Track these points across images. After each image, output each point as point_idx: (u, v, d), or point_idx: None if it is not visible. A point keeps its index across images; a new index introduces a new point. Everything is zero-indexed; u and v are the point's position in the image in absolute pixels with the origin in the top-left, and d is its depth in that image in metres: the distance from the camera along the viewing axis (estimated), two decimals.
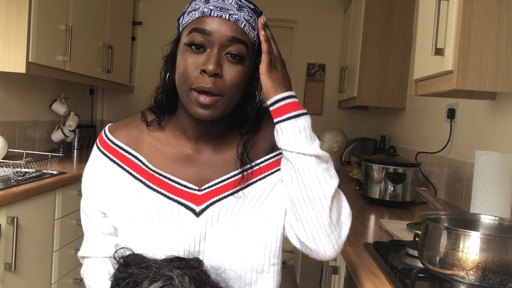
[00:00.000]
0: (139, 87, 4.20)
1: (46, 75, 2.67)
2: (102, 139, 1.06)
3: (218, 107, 0.95)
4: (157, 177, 1.01)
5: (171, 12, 4.20)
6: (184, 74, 0.94)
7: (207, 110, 0.94)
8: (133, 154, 1.03)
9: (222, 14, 0.94)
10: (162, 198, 1.00)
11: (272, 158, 1.06)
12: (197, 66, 0.93)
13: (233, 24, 0.94)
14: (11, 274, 1.86)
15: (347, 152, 3.66)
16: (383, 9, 3.10)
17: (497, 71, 1.32)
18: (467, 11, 1.31)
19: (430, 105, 2.61)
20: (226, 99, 0.95)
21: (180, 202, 1.00)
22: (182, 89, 0.96)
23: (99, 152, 1.05)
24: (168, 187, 1.01)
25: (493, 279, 0.94)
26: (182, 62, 0.95)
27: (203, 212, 0.99)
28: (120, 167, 1.03)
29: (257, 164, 1.04)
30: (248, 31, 0.96)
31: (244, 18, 0.95)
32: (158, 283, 0.88)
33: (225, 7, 0.94)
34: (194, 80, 0.93)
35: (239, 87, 0.97)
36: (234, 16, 0.94)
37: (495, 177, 1.46)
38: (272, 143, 1.06)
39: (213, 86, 0.92)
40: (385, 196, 2.06)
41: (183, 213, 0.99)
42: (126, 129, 1.06)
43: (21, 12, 2.37)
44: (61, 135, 3.27)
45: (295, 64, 4.23)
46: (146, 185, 1.01)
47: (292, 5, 4.18)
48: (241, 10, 0.96)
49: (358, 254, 1.29)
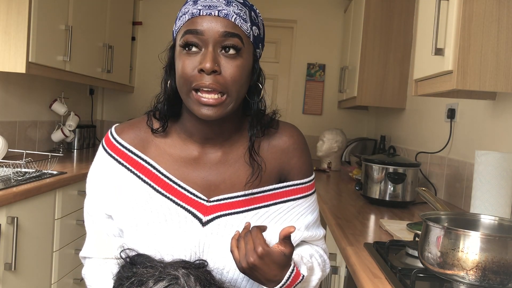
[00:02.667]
0: (139, 87, 4.20)
1: (46, 75, 2.67)
2: (109, 140, 1.05)
3: (225, 106, 0.94)
4: (166, 182, 1.01)
5: (171, 12, 4.20)
6: (182, 76, 0.94)
7: (211, 110, 0.93)
8: (141, 157, 1.03)
9: (211, 12, 0.94)
10: (170, 203, 1.00)
11: (281, 188, 1.06)
12: (194, 67, 0.93)
13: (223, 20, 0.94)
14: (11, 274, 1.86)
15: (347, 152, 3.65)
16: (383, 9, 3.10)
17: (497, 71, 1.32)
18: (467, 11, 1.31)
19: (430, 105, 2.61)
20: (231, 97, 0.95)
21: (188, 210, 1.00)
22: (183, 91, 0.96)
23: (105, 154, 1.04)
24: (177, 193, 1.01)
25: (493, 279, 0.94)
26: (180, 64, 0.95)
27: (209, 223, 1.00)
28: (128, 170, 1.02)
29: (266, 182, 1.04)
30: (240, 24, 0.95)
31: (233, 11, 0.95)
32: (163, 282, 0.87)
33: (213, 4, 0.94)
34: (193, 79, 0.93)
35: (242, 82, 0.96)
36: (224, 12, 0.94)
37: (495, 177, 1.46)
38: (280, 173, 1.06)
39: (214, 82, 0.92)
40: (385, 196, 2.06)
41: (190, 221, 0.99)
42: (133, 131, 1.05)
43: (21, 12, 2.37)
44: (61, 135, 3.27)
45: (295, 64, 4.23)
46: (155, 189, 1.01)
47: (292, 5, 4.18)
48: (229, 5, 0.95)
49: (358, 254, 1.29)
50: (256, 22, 1.01)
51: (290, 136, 1.09)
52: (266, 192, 1.04)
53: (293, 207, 1.05)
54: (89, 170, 1.07)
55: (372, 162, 2.10)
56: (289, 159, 1.07)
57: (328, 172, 3.34)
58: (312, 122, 4.20)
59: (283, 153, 1.06)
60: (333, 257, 1.70)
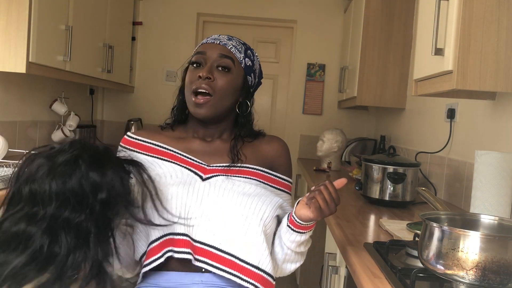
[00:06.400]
0: (139, 87, 4.19)
1: (46, 75, 2.67)
2: (124, 139, 1.36)
3: (210, 106, 1.29)
4: (172, 154, 1.31)
5: (171, 12, 4.20)
6: (187, 83, 1.32)
7: (201, 109, 1.29)
8: (151, 142, 1.34)
9: (215, 41, 1.34)
10: (176, 166, 1.29)
11: (267, 174, 1.34)
12: (196, 76, 1.29)
13: (222, 46, 1.33)
14: None
15: (347, 152, 3.65)
16: (383, 9, 3.10)
17: (497, 71, 1.32)
18: (467, 11, 1.31)
19: (430, 105, 2.61)
20: (215, 99, 1.29)
21: (191, 170, 1.28)
22: (187, 95, 1.32)
23: (120, 148, 1.33)
24: (182, 160, 1.30)
25: (493, 279, 0.94)
26: (188, 75, 1.33)
27: (207, 179, 1.27)
28: (140, 153, 1.31)
29: (246, 158, 1.34)
30: (234, 52, 1.33)
31: (232, 44, 1.34)
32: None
33: (218, 38, 1.35)
34: (193, 84, 1.29)
35: (227, 91, 1.30)
36: (223, 42, 1.34)
37: (495, 177, 1.46)
38: (268, 163, 1.37)
39: (206, 85, 1.28)
40: (385, 196, 2.06)
41: (191, 177, 1.26)
42: (145, 130, 1.39)
43: (21, 12, 2.37)
44: (61, 135, 3.27)
45: (295, 64, 4.23)
46: (163, 159, 1.30)
47: (292, 5, 4.18)
48: (230, 40, 1.35)
49: (358, 254, 1.30)
50: (250, 57, 1.37)
51: (279, 140, 1.43)
52: (254, 170, 1.32)
53: (274, 194, 1.30)
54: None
55: (372, 162, 2.10)
56: (279, 157, 1.39)
57: (328, 172, 3.34)
58: (312, 122, 4.20)
59: (273, 150, 1.39)
60: (333, 257, 1.70)
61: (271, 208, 1.23)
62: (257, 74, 1.41)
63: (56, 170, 1.00)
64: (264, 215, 1.21)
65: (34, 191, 0.99)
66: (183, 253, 1.18)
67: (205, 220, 1.19)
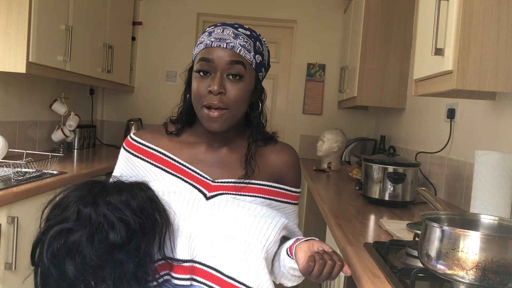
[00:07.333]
0: (139, 87, 4.19)
1: (46, 75, 2.67)
2: (128, 141, 1.29)
3: (225, 120, 1.18)
4: (176, 165, 1.23)
5: (171, 12, 4.20)
6: (196, 95, 1.19)
7: (216, 123, 1.17)
8: (154, 148, 1.26)
9: (221, 44, 1.17)
10: (180, 181, 1.21)
11: (274, 188, 1.26)
12: (205, 88, 1.16)
13: (230, 51, 1.17)
14: (11, 274, 1.86)
15: (347, 152, 3.66)
16: (383, 9, 3.10)
17: (497, 71, 1.32)
18: (467, 11, 1.31)
19: (430, 105, 2.61)
20: (231, 112, 1.18)
21: (195, 186, 1.21)
22: (196, 107, 1.20)
23: (124, 151, 1.28)
24: (186, 174, 1.22)
25: (493, 279, 0.94)
26: (195, 85, 1.19)
27: (211, 198, 1.19)
28: (143, 160, 1.25)
29: (259, 172, 1.25)
30: (244, 54, 1.18)
31: (239, 44, 1.18)
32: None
33: (223, 37, 1.18)
34: (204, 99, 1.17)
35: (242, 101, 1.19)
36: (231, 44, 1.17)
37: (495, 177, 1.46)
38: (277, 176, 1.28)
39: (219, 101, 1.16)
40: (385, 196, 2.06)
41: (194, 194, 1.19)
42: (149, 133, 1.30)
43: (21, 12, 2.37)
44: (61, 135, 3.27)
45: (295, 64, 4.23)
46: (167, 171, 1.22)
47: (292, 5, 4.18)
48: (237, 38, 1.18)
49: (358, 254, 1.30)
50: (260, 51, 1.23)
51: (290, 150, 1.34)
52: (261, 186, 1.24)
53: (279, 208, 1.26)
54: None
55: (372, 162, 2.10)
56: (289, 170, 1.30)
57: (328, 172, 3.34)
58: (312, 122, 4.20)
59: (283, 163, 1.29)
60: None
61: (276, 232, 1.18)
62: (266, 65, 1.28)
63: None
64: (267, 241, 1.16)
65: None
66: (181, 280, 1.15)
67: (207, 243, 1.15)
